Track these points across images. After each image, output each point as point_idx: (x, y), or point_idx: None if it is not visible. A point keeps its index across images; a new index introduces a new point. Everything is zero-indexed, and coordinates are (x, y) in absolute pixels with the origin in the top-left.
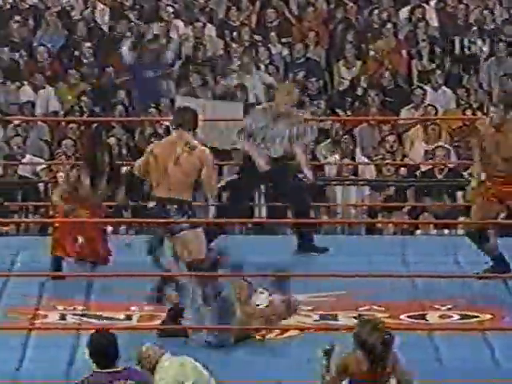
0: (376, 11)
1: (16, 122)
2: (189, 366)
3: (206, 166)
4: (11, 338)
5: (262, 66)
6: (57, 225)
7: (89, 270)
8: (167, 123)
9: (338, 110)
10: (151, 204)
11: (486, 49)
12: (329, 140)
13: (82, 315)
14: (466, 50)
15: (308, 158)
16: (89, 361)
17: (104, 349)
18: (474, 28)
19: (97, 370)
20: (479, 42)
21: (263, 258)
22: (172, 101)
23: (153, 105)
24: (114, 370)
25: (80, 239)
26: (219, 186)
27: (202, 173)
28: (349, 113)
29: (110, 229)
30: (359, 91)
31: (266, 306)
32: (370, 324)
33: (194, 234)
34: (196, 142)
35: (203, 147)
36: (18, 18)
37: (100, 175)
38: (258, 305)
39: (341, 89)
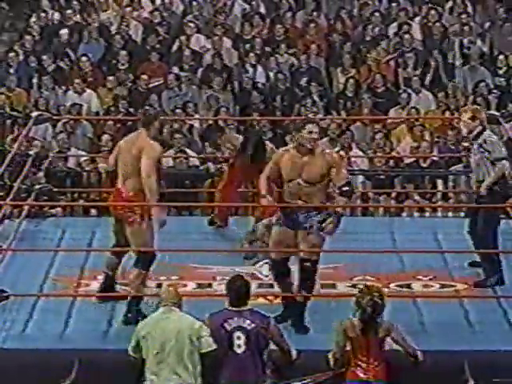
0: (369, 26)
1: (63, 121)
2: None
3: None
4: (59, 303)
5: (272, 73)
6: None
7: None
8: (191, 122)
9: (335, 111)
10: None
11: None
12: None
13: (119, 284)
14: (445, 58)
15: None
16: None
17: (237, 289)
18: (451, 40)
19: (226, 308)
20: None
21: None
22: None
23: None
24: (240, 309)
25: None
26: None
27: None
28: (345, 113)
29: None
30: (353, 94)
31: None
32: (368, 289)
33: None
34: None
35: None
36: (64, 32)
37: None
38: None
39: (337, 92)
